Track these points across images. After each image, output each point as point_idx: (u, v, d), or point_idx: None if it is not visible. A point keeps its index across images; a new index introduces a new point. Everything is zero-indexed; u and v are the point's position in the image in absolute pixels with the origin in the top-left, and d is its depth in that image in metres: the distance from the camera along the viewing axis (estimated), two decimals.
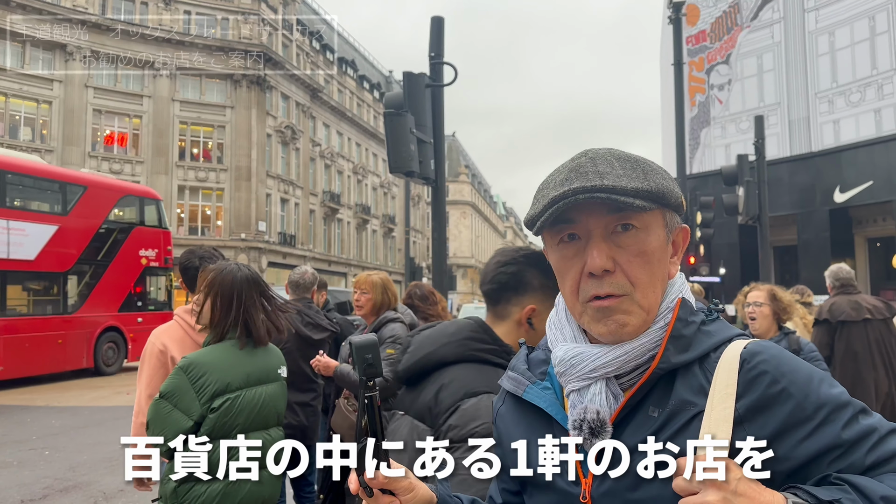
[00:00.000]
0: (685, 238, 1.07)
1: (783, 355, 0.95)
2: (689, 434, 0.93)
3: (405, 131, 7.02)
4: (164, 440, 2.49)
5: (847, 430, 0.90)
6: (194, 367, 2.62)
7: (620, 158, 1.00)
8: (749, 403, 0.92)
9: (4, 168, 14.05)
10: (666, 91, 30.55)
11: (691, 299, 1.04)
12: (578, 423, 0.98)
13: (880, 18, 24.88)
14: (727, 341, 0.99)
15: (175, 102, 35.90)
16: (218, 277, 2.76)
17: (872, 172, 23.95)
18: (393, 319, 3.95)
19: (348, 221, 49.27)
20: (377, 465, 1.03)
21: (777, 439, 0.90)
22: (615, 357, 0.99)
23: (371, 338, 1.11)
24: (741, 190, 13.88)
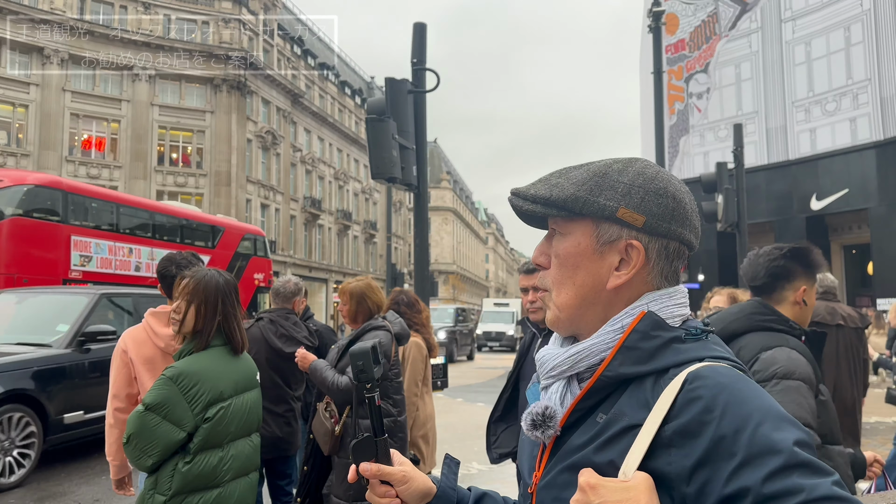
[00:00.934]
0: (636, 254, 1.03)
1: (730, 384, 0.90)
2: (619, 447, 0.93)
3: (387, 137, 7.00)
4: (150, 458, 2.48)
5: (771, 482, 0.81)
6: (185, 376, 2.56)
7: (586, 170, 1.06)
8: (678, 427, 0.88)
9: (182, 216, 19.70)
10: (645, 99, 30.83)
11: (672, 315, 1.02)
12: (525, 416, 1.03)
13: (855, 29, 25.32)
14: (696, 360, 0.95)
15: (154, 107, 35.61)
16: (201, 284, 2.72)
17: (848, 181, 24.32)
18: (378, 327, 3.91)
19: (329, 227, 49.10)
20: (375, 458, 1.15)
21: (697, 471, 0.86)
22: (568, 356, 1.04)
23: (364, 346, 1.22)
24: (720, 197, 14.01)
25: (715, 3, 30.21)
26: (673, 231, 1.05)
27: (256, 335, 4.45)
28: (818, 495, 0.80)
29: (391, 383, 3.85)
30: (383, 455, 1.16)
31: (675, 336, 0.99)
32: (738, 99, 29.24)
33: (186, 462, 2.55)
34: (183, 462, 2.55)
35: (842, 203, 24.65)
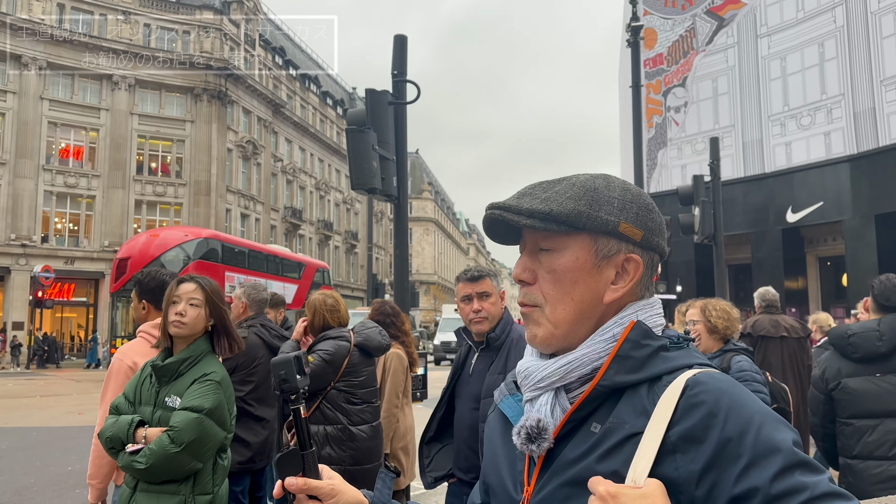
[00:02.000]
0: (636, 268, 1.06)
1: (729, 389, 0.93)
2: (621, 455, 0.93)
3: (367, 148, 7.04)
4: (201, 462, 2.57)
5: (778, 481, 0.85)
6: (225, 380, 2.74)
7: (571, 184, 1.05)
8: (682, 432, 0.91)
9: (282, 256, 27.03)
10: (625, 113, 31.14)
11: (656, 325, 1.05)
12: (518, 429, 1.01)
13: (829, 45, 25.81)
14: (685, 368, 0.98)
15: (133, 116, 35.35)
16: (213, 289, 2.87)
17: (823, 194, 24.70)
18: (335, 337, 3.98)
19: (310, 237, 48.92)
20: (302, 472, 1.08)
21: (705, 475, 0.88)
22: (558, 367, 1.03)
23: (287, 356, 1.14)
24: (697, 210, 14.17)
25: (692, 19, 30.67)
26: (658, 244, 1.09)
27: (256, 342, 4.46)
28: (820, 492, 0.85)
29: (342, 393, 3.88)
30: (311, 469, 1.09)
31: (662, 345, 1.01)
32: (715, 113, 29.64)
33: (224, 457, 2.73)
34: (222, 458, 2.72)
35: (817, 215, 25.02)
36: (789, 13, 27.28)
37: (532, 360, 1.08)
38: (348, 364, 3.91)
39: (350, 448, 3.80)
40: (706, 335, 4.01)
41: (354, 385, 3.92)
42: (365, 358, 4.04)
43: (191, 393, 2.62)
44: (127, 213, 34.60)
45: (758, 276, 25.50)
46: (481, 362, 3.19)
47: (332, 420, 3.83)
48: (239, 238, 28.21)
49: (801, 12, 26.86)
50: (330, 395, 3.87)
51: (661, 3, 31.79)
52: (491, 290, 3.19)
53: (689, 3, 30.81)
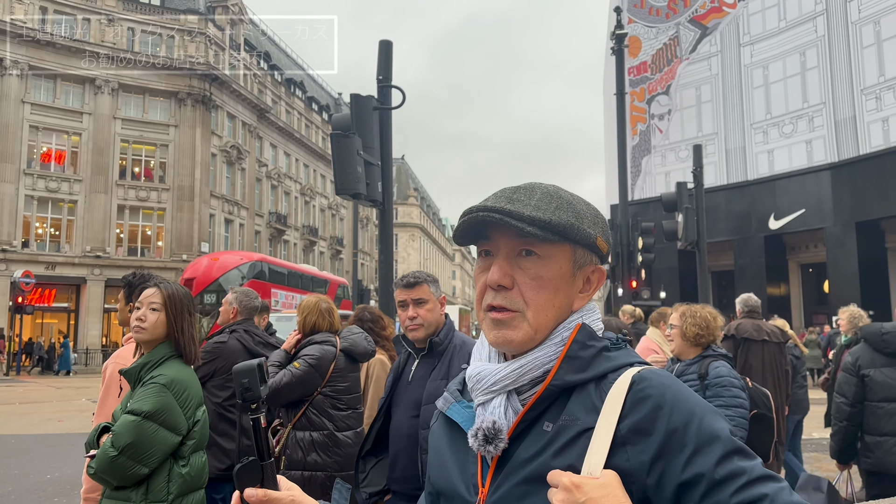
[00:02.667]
0: (600, 279, 1.14)
1: (671, 384, 1.00)
2: (575, 450, 0.99)
3: (352, 153, 7.02)
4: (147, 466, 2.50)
5: (720, 466, 0.93)
6: (175, 383, 2.65)
7: (548, 193, 1.09)
8: (631, 424, 0.96)
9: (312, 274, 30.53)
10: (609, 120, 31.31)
11: (597, 328, 1.11)
12: (475, 431, 1.04)
13: (810, 54, 26.12)
14: (627, 366, 1.05)
15: (116, 120, 35.07)
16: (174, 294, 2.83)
17: (804, 201, 24.98)
18: (321, 342, 3.96)
19: (295, 243, 48.73)
20: (261, 483, 1.07)
21: (654, 464, 0.94)
22: (512, 370, 1.07)
23: (250, 364, 1.11)
24: (680, 216, 14.27)
25: (676, 27, 30.95)
26: (608, 258, 1.17)
27: (237, 347, 4.43)
28: (757, 475, 0.93)
29: (328, 399, 3.87)
30: (269, 480, 1.08)
31: (605, 345, 1.08)
32: (699, 120, 29.89)
33: (183, 465, 2.63)
34: (178, 465, 2.63)
35: (798, 223, 25.28)
36: (771, 22, 27.61)
37: (482, 364, 1.11)
38: (334, 369, 3.91)
39: (336, 454, 3.79)
40: (680, 340, 4.06)
41: (340, 391, 3.91)
42: (350, 363, 4.04)
43: (135, 396, 2.61)
44: (109, 218, 34.30)
45: (740, 282, 25.71)
46: (421, 369, 3.12)
47: (318, 426, 3.81)
48: (280, 260, 31.57)
49: (783, 21, 27.19)
50: (316, 400, 3.86)
51: (645, 12, 32.07)
52: (427, 297, 3.13)
53: (673, 12, 31.10)
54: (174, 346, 2.78)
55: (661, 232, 15.25)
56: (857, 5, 24.47)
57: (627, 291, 15.67)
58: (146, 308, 2.76)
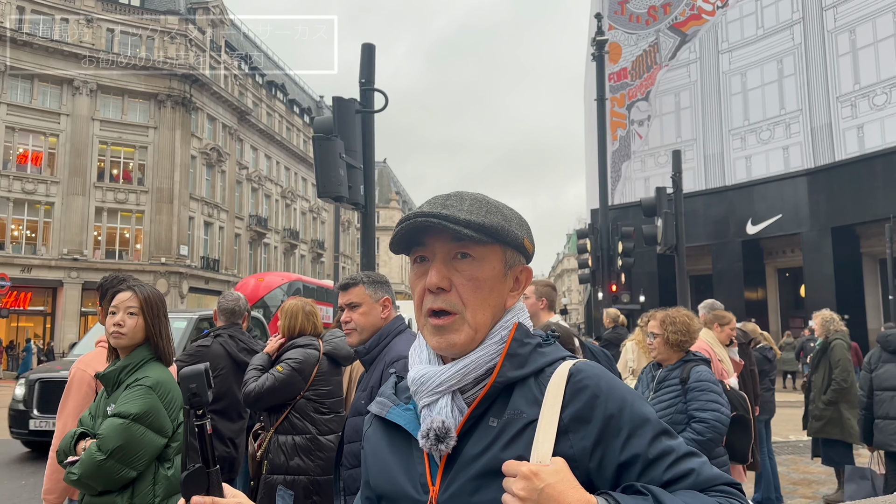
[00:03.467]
0: (527, 277, 1.21)
1: (604, 374, 1.09)
2: (522, 441, 1.05)
3: (334, 156, 7.02)
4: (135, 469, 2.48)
5: (652, 446, 1.04)
6: (160, 385, 2.64)
7: (477, 199, 1.15)
8: (572, 413, 1.05)
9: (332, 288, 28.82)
10: (590, 126, 31.52)
11: (528, 325, 1.18)
12: (426, 432, 1.09)
13: (788, 62, 26.48)
14: (560, 359, 1.13)
15: (95, 121, 34.70)
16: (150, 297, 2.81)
17: (781, 206, 25.28)
18: (304, 345, 3.95)
19: (276, 246, 48.47)
20: (207, 490, 1.07)
21: (595, 449, 1.03)
22: (456, 371, 1.11)
23: (198, 368, 1.11)
24: (660, 221, 14.39)
25: (656, 34, 31.24)
26: (532, 258, 1.24)
27: (219, 352, 4.41)
28: (683, 451, 1.06)
29: (311, 402, 3.86)
30: (215, 487, 1.08)
31: (538, 342, 1.16)
32: (678, 126, 30.17)
33: (168, 467, 2.62)
34: (164, 468, 2.61)
35: (775, 228, 25.58)
36: (749, 30, 27.96)
37: (424, 367, 1.15)
38: (317, 373, 3.89)
39: (318, 458, 3.77)
40: (663, 346, 4.12)
41: (323, 394, 3.90)
42: (333, 367, 4.03)
43: (120, 399, 2.59)
44: (87, 221, 33.91)
45: (718, 286, 25.97)
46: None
47: (301, 430, 3.79)
48: (310, 278, 32.71)
49: (760, 29, 27.55)
50: (299, 404, 3.84)
51: (626, 19, 32.34)
52: (360, 300, 3.05)
53: (653, 19, 31.39)
54: (153, 349, 2.77)
55: (640, 236, 15.37)
56: (833, 14, 24.87)
57: (607, 295, 15.77)
58: (123, 313, 2.74)
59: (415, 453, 1.14)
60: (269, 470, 3.79)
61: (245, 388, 3.81)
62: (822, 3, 25.19)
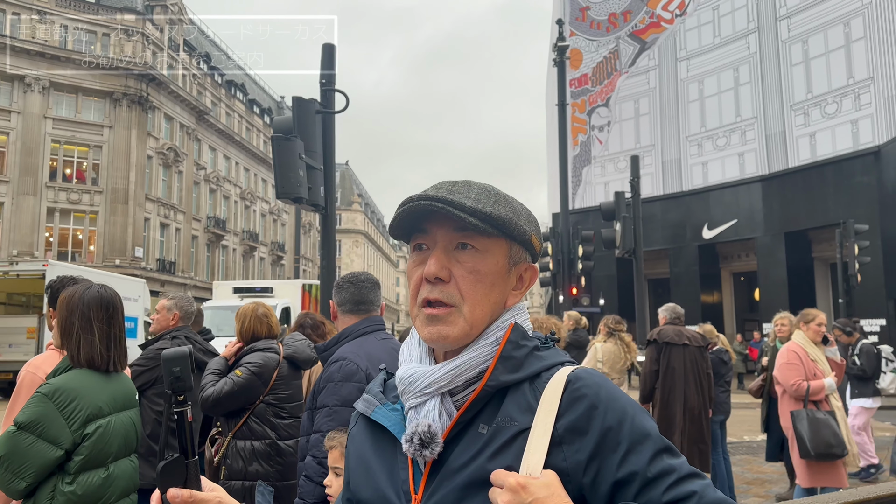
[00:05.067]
0: (532, 276, 1.14)
1: (605, 383, 1.01)
2: (513, 450, 0.98)
3: (294, 156, 6.93)
4: (24, 480, 2.33)
5: (652, 464, 0.95)
6: (61, 392, 2.46)
7: (485, 189, 1.08)
8: (568, 424, 0.97)
9: None
10: (551, 130, 31.77)
11: (528, 327, 1.11)
12: (410, 436, 1.02)
13: (743, 70, 27.09)
14: (559, 365, 1.05)
15: (47, 120, 33.78)
16: (71, 298, 2.65)
17: (737, 212, 25.82)
18: (264, 349, 3.88)
19: (234, 248, 47.78)
20: (184, 483, 1.02)
21: (591, 463, 0.96)
22: (447, 371, 1.04)
23: (181, 350, 1.06)
24: (618, 225, 14.57)
25: (616, 41, 31.67)
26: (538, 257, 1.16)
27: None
28: (686, 472, 0.97)
29: (270, 407, 3.79)
30: (193, 479, 1.03)
31: (535, 345, 1.08)
32: (637, 132, 30.62)
33: (68, 482, 2.44)
34: (63, 482, 2.44)
35: (731, 232, 26.11)
36: (707, 38, 28.52)
37: (414, 366, 1.08)
38: (277, 377, 3.83)
39: (278, 463, 3.70)
40: None
41: (283, 398, 3.84)
42: (293, 371, 3.97)
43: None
44: (38, 221, 32.97)
45: (675, 290, 26.39)
46: None
47: (260, 435, 3.72)
48: None
49: (717, 38, 28.13)
50: (258, 409, 3.76)
51: (587, 25, 32.72)
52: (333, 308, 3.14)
53: (614, 26, 31.82)
54: (69, 353, 2.62)
55: (600, 240, 15.53)
56: (787, 25, 25.52)
57: (568, 298, 15.90)
58: (55, 315, 2.67)
59: (399, 457, 1.07)
60: (226, 476, 3.71)
61: (203, 393, 3.72)
62: (777, 14, 25.84)
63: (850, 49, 23.44)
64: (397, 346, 3.22)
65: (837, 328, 8.69)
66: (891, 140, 21.32)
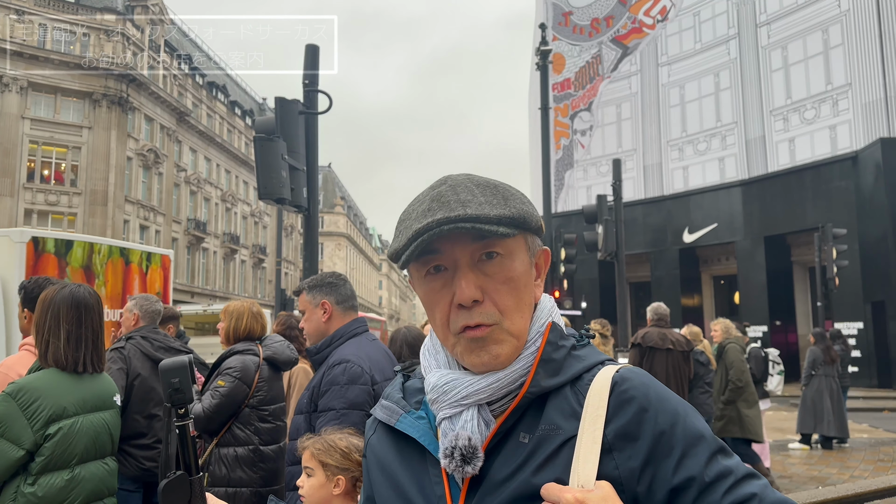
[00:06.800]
0: (546, 260, 1.06)
1: (653, 383, 0.95)
2: (560, 461, 0.91)
3: (276, 157, 6.87)
4: None
5: (709, 467, 0.89)
6: (25, 392, 2.43)
7: (480, 185, 0.98)
8: (617, 429, 0.91)
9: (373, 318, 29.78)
10: (534, 134, 31.89)
11: (561, 323, 1.04)
12: (450, 451, 0.93)
13: (724, 76, 27.36)
14: (599, 364, 0.99)
15: (25, 120, 33.34)
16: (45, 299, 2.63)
17: (717, 216, 26.05)
18: (242, 351, 3.79)
19: (215, 251, 47.40)
20: (188, 501, 0.97)
21: (644, 470, 0.89)
22: (488, 384, 0.96)
23: (181, 360, 1.02)
24: (600, 228, 14.63)
25: (599, 46, 31.87)
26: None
27: (136, 354, 4.21)
28: (742, 474, 0.91)
29: (254, 410, 3.72)
30: (198, 497, 0.99)
31: (572, 344, 1.01)
32: (619, 137, 30.83)
33: (29, 483, 2.41)
34: (25, 483, 2.41)
35: (711, 236, 26.34)
36: (688, 44, 28.79)
37: (447, 373, 1.00)
38: (259, 379, 3.75)
39: (261, 469, 3.64)
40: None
41: (265, 401, 3.76)
42: (274, 373, 3.90)
43: None
44: (15, 223, 32.49)
45: (657, 293, 26.55)
46: None
47: (244, 441, 3.64)
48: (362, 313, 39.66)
49: (698, 44, 28.40)
50: (242, 414, 3.68)
51: (570, 30, 32.91)
52: (303, 307, 3.09)
53: (596, 31, 32.02)
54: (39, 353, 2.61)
55: (582, 243, 15.58)
56: (766, 31, 25.82)
57: None
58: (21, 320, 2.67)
59: (431, 471, 0.98)
60: (209, 482, 3.63)
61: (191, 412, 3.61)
62: (757, 20, 26.14)
63: (829, 55, 23.76)
64: (384, 347, 3.20)
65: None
66: (868, 145, 21.63)
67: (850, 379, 12.56)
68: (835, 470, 8.49)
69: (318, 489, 2.21)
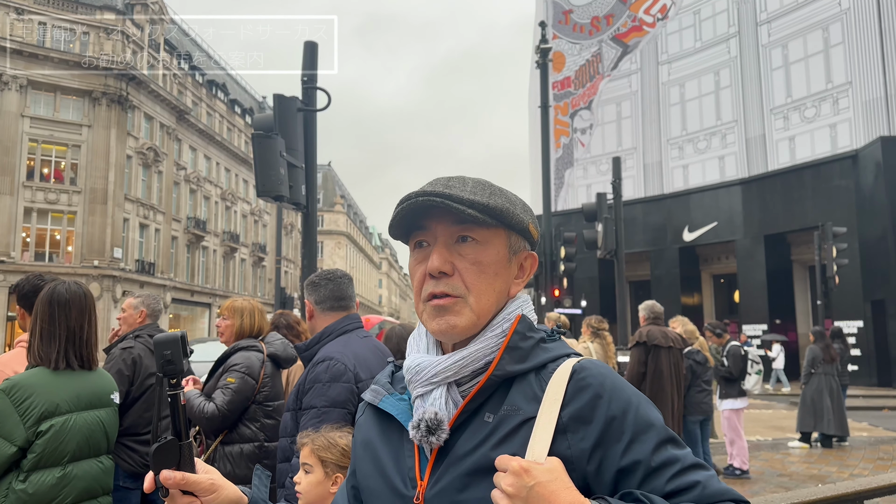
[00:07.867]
0: (532, 264, 1.16)
1: (610, 374, 1.03)
2: (518, 439, 1.00)
3: (275, 154, 6.85)
4: None
5: (656, 454, 0.98)
6: (18, 388, 2.43)
7: (480, 182, 1.11)
8: (572, 412, 0.99)
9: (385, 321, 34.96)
10: (534, 133, 31.86)
11: (533, 318, 1.12)
12: (417, 423, 1.04)
13: (724, 74, 27.32)
14: (564, 356, 1.07)
15: (24, 118, 33.31)
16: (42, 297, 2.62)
17: (717, 214, 26.03)
18: (246, 348, 3.78)
19: (214, 249, 47.38)
20: (177, 465, 1.04)
21: (595, 451, 0.98)
22: (453, 362, 1.06)
23: (173, 335, 1.07)
24: (600, 226, 14.61)
25: (599, 44, 31.83)
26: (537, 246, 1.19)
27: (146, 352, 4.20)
28: (689, 463, 0.99)
29: (260, 407, 3.71)
30: (187, 462, 1.05)
31: (542, 337, 1.10)
32: (619, 135, 30.79)
33: (20, 480, 2.41)
34: (17, 480, 2.41)
35: (711, 235, 26.32)
36: (688, 42, 28.75)
37: (421, 356, 1.10)
38: (264, 375, 3.74)
39: (267, 467, 3.61)
40: None
41: (270, 398, 3.75)
42: (276, 370, 3.89)
43: None
44: (15, 222, 32.49)
45: (657, 292, 26.54)
46: None
47: (249, 438, 3.62)
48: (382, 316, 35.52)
49: (698, 42, 28.36)
50: (249, 410, 3.66)
51: (570, 28, 32.87)
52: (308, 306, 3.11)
53: (596, 30, 31.99)
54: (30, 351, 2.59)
55: (581, 241, 15.57)
56: (767, 29, 25.78)
57: (550, 300, 15.91)
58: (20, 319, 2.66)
59: (405, 445, 1.09)
60: None
61: (204, 412, 3.54)
62: (757, 19, 26.10)
63: (829, 54, 23.73)
64: (380, 344, 3.18)
65: (708, 329, 8.94)
66: (868, 144, 21.60)
67: (849, 377, 12.55)
68: (834, 468, 8.48)
69: (315, 486, 2.20)
